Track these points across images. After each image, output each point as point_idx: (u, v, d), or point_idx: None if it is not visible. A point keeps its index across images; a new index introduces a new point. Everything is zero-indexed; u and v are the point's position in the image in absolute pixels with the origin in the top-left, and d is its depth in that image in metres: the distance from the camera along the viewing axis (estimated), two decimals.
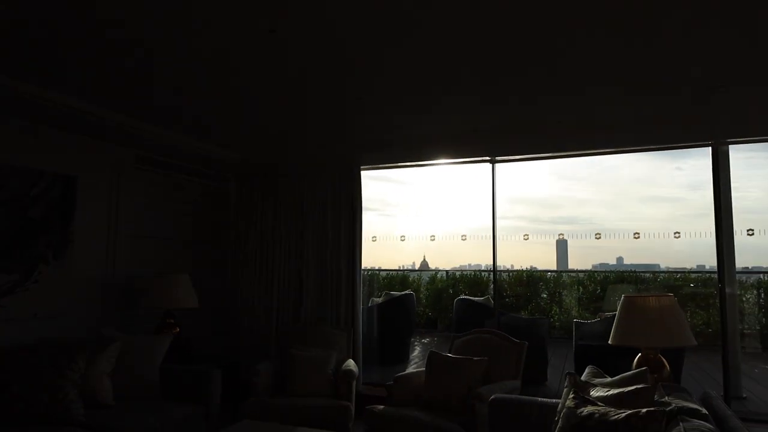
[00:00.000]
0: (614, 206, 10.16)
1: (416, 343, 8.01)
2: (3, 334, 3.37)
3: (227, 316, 5.15)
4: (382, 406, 3.56)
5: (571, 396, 2.26)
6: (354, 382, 4.02)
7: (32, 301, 3.58)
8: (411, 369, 5.24)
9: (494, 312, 5.94)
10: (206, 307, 4.76)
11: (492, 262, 5.41)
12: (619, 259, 12.41)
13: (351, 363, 4.28)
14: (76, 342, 3.41)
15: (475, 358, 3.69)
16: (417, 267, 11.41)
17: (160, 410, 3.34)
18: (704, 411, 2.09)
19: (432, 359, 3.81)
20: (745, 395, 4.95)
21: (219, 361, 4.34)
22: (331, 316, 4.86)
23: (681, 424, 1.83)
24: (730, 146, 4.37)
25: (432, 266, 11.32)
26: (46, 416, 2.99)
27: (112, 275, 4.26)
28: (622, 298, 3.10)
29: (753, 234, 5.12)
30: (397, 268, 10.64)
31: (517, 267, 9.91)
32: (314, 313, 4.93)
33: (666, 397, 2.29)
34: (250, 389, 3.92)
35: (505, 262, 9.92)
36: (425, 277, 10.76)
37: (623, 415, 1.91)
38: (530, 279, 9.79)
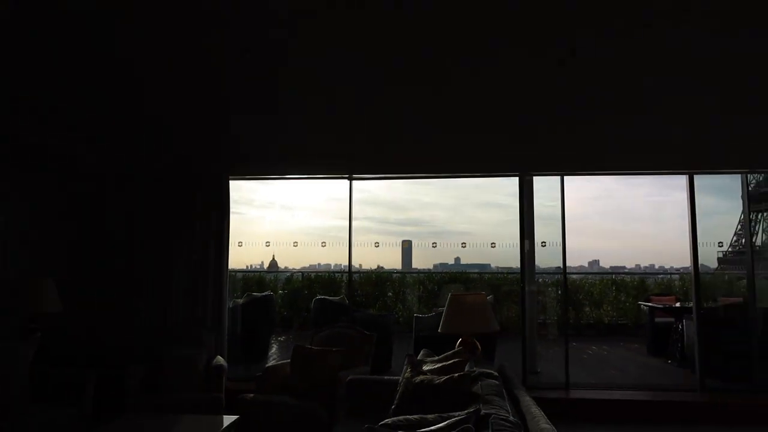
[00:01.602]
0: (455, 210, 11.57)
1: (273, 342, 8.45)
2: None
3: (94, 319, 5.17)
4: (252, 395, 4.05)
5: (408, 370, 3.04)
6: (224, 376, 4.44)
7: None
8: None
9: (349, 309, 6.70)
10: (71, 310, 4.78)
11: (348, 264, 6.17)
12: (457, 259, 14.10)
13: (220, 359, 4.69)
14: None
15: (334, 349, 4.36)
16: (266, 267, 11.85)
17: (32, 414, 3.46)
18: (496, 374, 3.01)
19: (296, 351, 4.40)
20: (539, 370, 6.32)
21: (88, 364, 4.44)
22: (199, 317, 5.19)
23: (479, 382, 2.69)
24: (534, 176, 5.68)
25: (281, 266, 11.84)
26: None
27: None
28: (449, 296, 4.00)
29: (545, 245, 6.52)
30: (245, 267, 10.93)
31: (366, 266, 10.87)
32: (182, 314, 5.21)
33: (475, 368, 3.18)
34: (123, 390, 4.12)
35: (355, 261, 10.83)
36: (282, 278, 11.24)
37: (443, 378, 2.71)
38: (378, 279, 10.82)
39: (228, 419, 3.30)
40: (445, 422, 1.91)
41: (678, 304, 8.00)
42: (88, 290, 5.19)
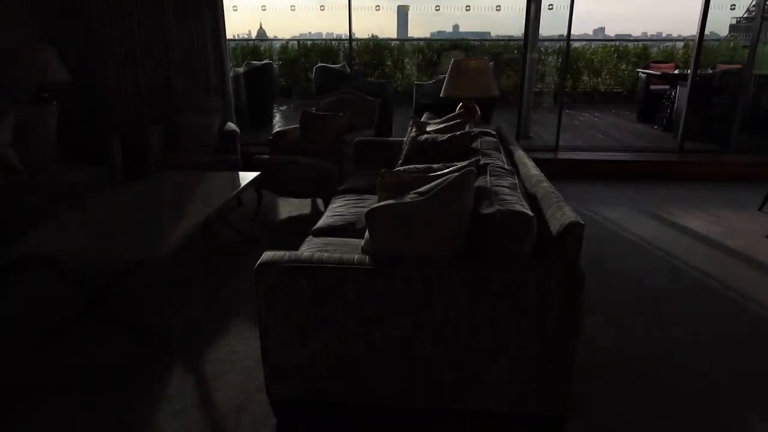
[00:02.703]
0: None
1: (275, 111, 8.67)
2: None
3: (99, 89, 5.25)
4: (267, 155, 4.41)
5: (413, 130, 3.30)
6: (238, 140, 4.74)
7: None
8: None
9: (350, 77, 6.75)
10: (79, 81, 4.85)
11: (348, 31, 6.04)
12: (455, 27, 13.52)
13: (231, 125, 4.94)
14: None
15: (340, 114, 4.58)
16: (253, 36, 11.43)
17: (69, 171, 3.82)
18: (494, 132, 3.27)
19: (304, 116, 4.62)
20: (531, 135, 6.69)
21: (107, 129, 4.69)
22: (203, 85, 5.29)
23: (478, 139, 2.96)
24: None
25: (274, 35, 11.41)
26: None
27: None
28: (452, 60, 4.06)
29: (552, 8, 6.27)
30: (234, 36, 10.56)
31: (360, 36, 10.51)
32: (186, 83, 5.29)
33: (474, 128, 3.43)
34: (144, 153, 4.44)
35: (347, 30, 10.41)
36: (276, 47, 10.93)
37: (447, 136, 2.98)
38: (376, 47, 10.55)
39: (250, 175, 3.67)
40: (449, 169, 2.20)
41: (676, 72, 8.04)
42: (88, 58, 5.16)
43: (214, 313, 2.75)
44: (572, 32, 5.81)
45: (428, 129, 3.41)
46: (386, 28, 10.48)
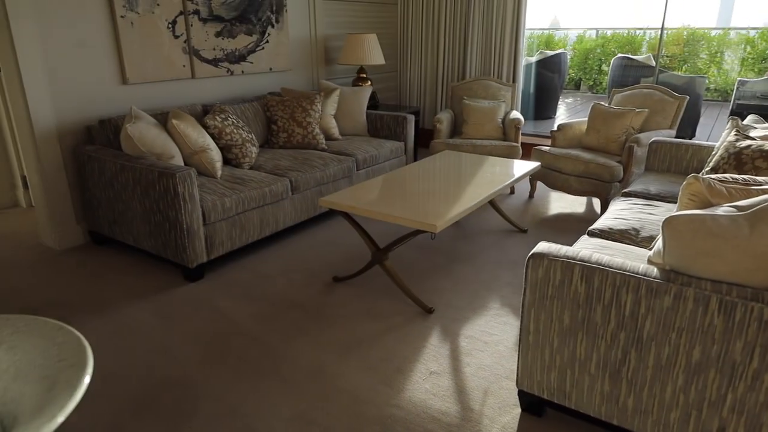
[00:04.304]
0: None
1: (560, 103, 8.38)
2: (254, 85, 4.44)
3: (402, 71, 5.89)
4: (548, 147, 4.31)
5: (732, 133, 2.78)
6: (520, 128, 4.75)
7: (267, 58, 4.52)
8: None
9: (654, 70, 6.08)
10: (390, 64, 5.51)
11: (662, 18, 5.40)
12: None
13: (516, 113, 4.96)
14: (310, 91, 4.39)
15: (637, 109, 4.16)
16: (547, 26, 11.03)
17: (375, 143, 4.39)
18: None
19: (594, 109, 4.35)
20: None
21: (404, 111, 5.24)
22: (495, 73, 5.43)
23: None
24: None
25: (563, 26, 10.88)
26: (302, 144, 4.14)
27: (314, 36, 5.05)
28: None
29: None
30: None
31: (670, 25, 9.26)
32: (479, 71, 5.51)
33: None
34: (432, 134, 4.82)
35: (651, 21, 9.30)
36: (572, 36, 10.47)
37: None
38: (691, 38, 9.21)
39: (528, 165, 3.64)
40: None
41: None
42: (397, 47, 5.76)
43: (474, 292, 2.84)
44: None
45: (753, 134, 2.84)
46: (704, 17, 9.04)
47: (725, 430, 1.52)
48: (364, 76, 5.20)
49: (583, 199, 4.48)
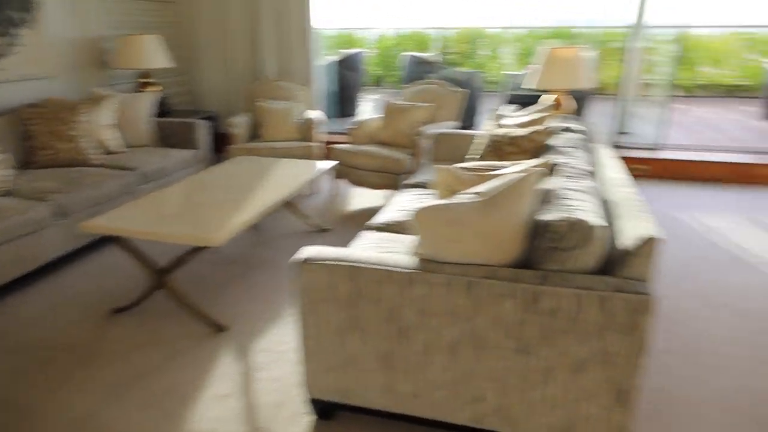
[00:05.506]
0: None
1: (363, 100, 8.68)
2: (7, 95, 3.76)
3: (195, 75, 5.54)
4: (345, 145, 4.39)
5: (491, 124, 3.10)
6: (316, 128, 4.76)
7: (23, 63, 3.87)
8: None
9: (439, 67, 6.58)
10: (181, 67, 5.13)
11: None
12: (565, 14, 12.71)
13: (312, 112, 4.98)
14: (76, 100, 3.88)
15: (424, 104, 4.45)
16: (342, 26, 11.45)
17: (162, 153, 4.04)
18: (583, 128, 2.99)
19: (388, 106, 4.55)
20: (630, 131, 6.13)
21: (198, 116, 4.93)
22: (291, 74, 5.39)
23: (561, 135, 2.71)
24: None
25: (371, 25, 11.39)
26: (71, 161, 3.64)
27: (83, 38, 4.46)
28: (543, 49, 3.77)
29: None
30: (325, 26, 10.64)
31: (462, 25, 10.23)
32: (276, 72, 5.42)
33: (560, 123, 3.16)
34: (229, 139, 4.61)
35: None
36: (376, 35, 10.95)
37: (524, 131, 2.75)
38: (474, 36, 10.24)
39: (326, 164, 3.66)
40: (515, 168, 2.01)
41: None
42: (186, 48, 5.43)
43: (270, 300, 2.76)
44: (692, 20, 5.23)
45: (508, 123, 3.19)
46: (488, 18, 10.10)
47: (485, 398, 1.65)
48: (150, 80, 4.77)
49: (387, 192, 4.65)
